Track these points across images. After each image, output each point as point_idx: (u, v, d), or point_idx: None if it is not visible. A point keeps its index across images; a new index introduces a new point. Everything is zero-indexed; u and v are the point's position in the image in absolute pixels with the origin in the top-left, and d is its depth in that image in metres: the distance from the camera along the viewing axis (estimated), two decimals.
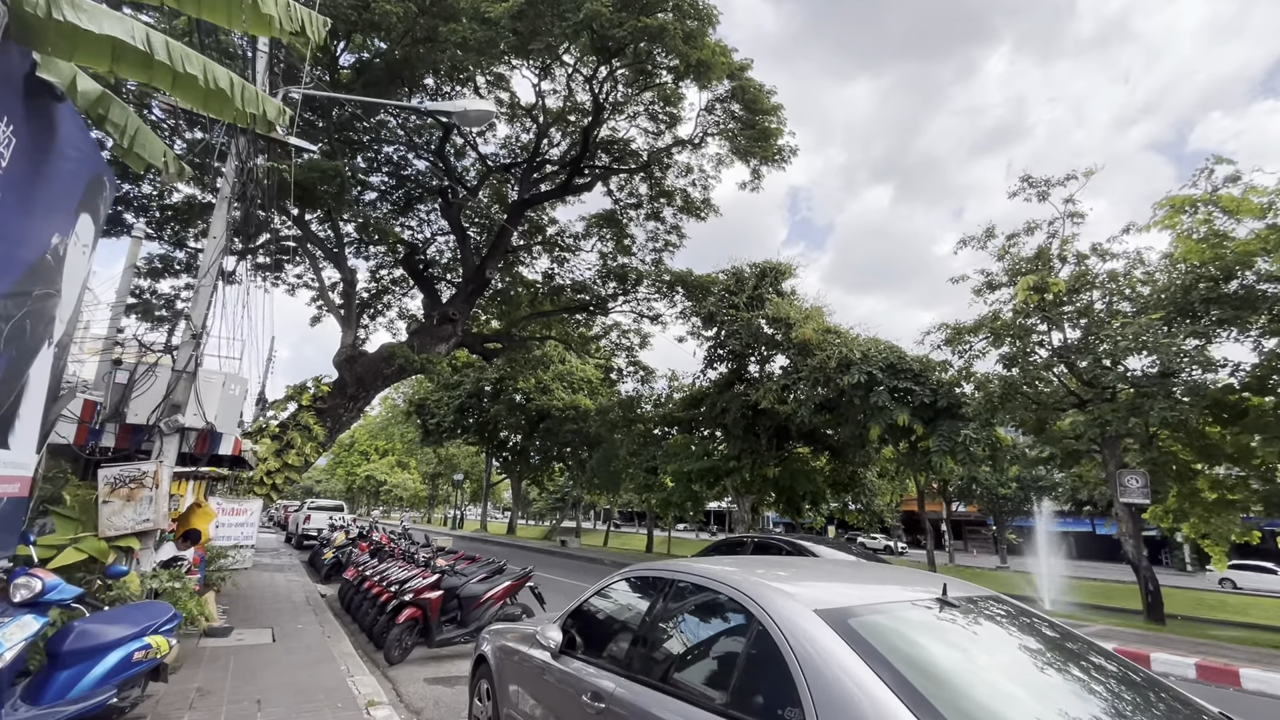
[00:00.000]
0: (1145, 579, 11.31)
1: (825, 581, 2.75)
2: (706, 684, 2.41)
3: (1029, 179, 12.86)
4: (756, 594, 2.34)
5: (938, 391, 14.22)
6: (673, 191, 22.30)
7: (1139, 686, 2.17)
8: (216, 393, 6.40)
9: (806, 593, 2.38)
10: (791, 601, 2.25)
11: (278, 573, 13.38)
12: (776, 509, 26.53)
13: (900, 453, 16.00)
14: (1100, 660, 2.30)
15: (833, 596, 2.37)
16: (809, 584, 2.64)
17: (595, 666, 2.99)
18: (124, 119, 4.44)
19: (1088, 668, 2.22)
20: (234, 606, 9.19)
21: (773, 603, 2.26)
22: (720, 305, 21.24)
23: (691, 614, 2.77)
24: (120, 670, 4.09)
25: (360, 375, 18.09)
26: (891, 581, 2.72)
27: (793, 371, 17.90)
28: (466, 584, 7.44)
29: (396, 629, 6.72)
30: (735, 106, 18.15)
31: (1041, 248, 12.63)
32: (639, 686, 2.57)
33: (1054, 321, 11.87)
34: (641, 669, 2.66)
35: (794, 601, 2.25)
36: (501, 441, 40.06)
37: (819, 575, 2.78)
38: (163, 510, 5.83)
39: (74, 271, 5.48)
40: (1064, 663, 2.22)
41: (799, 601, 2.24)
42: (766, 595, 2.32)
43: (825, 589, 2.56)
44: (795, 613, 2.18)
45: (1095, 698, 2.07)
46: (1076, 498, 35.26)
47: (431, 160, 21.94)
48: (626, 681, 2.68)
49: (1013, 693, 2.03)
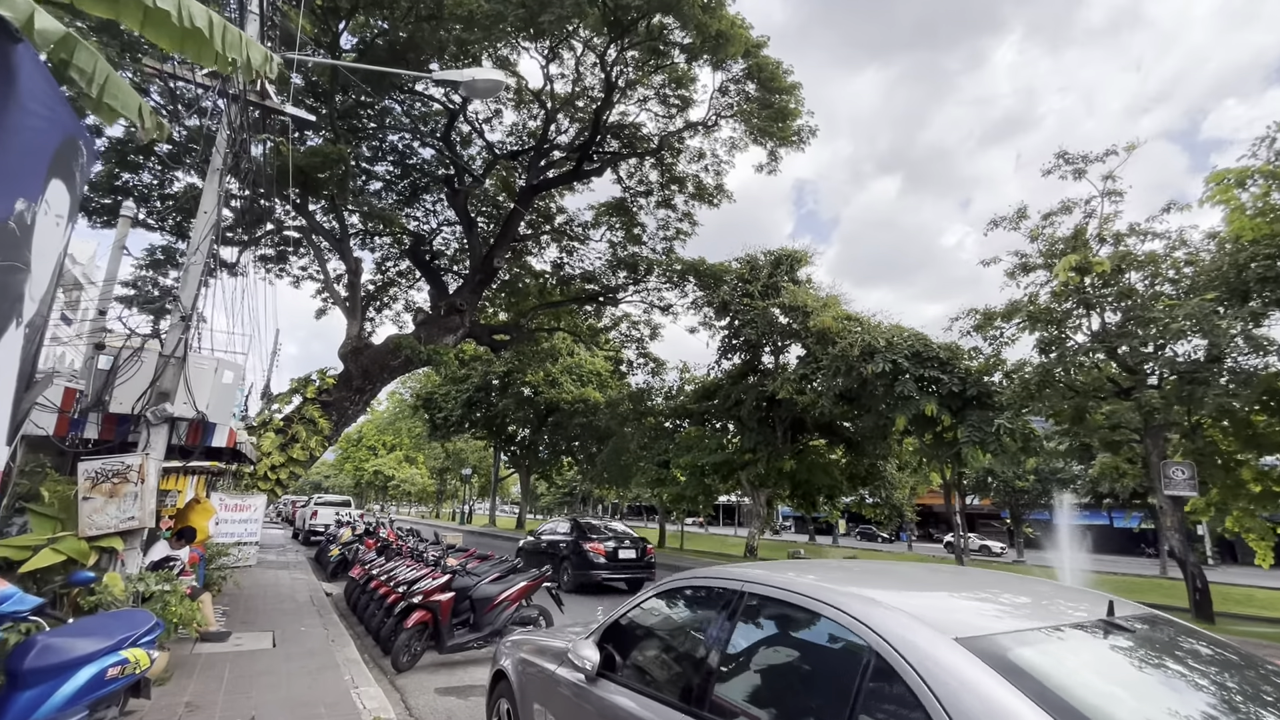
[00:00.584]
0: (1192, 575, 10.69)
1: (944, 596, 2.19)
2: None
3: (1065, 155, 12.18)
4: (868, 615, 1.80)
5: (966, 380, 13.59)
6: (684, 178, 21.69)
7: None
8: (208, 380, 5.90)
9: (932, 613, 1.83)
10: (919, 626, 1.71)
11: (282, 570, 12.97)
12: (791, 503, 25.98)
13: (925, 444, 15.39)
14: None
15: (968, 619, 1.83)
16: (925, 598, 2.09)
17: (642, 695, 2.47)
18: (91, 64, 3.90)
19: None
20: (235, 607, 8.75)
21: (893, 627, 1.72)
22: (734, 294, 20.65)
23: (773, 637, 2.23)
24: (92, 689, 3.60)
25: (366, 367, 17.64)
26: (1019, 594, 2.17)
27: (811, 361, 17.32)
28: (479, 585, 6.95)
29: (405, 633, 6.23)
30: (750, 86, 17.50)
31: (1078, 227, 11.97)
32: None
33: (1095, 304, 11.22)
34: (704, 702, 2.14)
35: (922, 626, 1.70)
36: (510, 435, 39.66)
37: (932, 586, 2.23)
38: (149, 507, 5.34)
39: (46, 245, 4.95)
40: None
41: (928, 626, 1.70)
42: (881, 617, 1.77)
43: (950, 607, 2.01)
44: (928, 642, 1.64)
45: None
46: (1096, 490, 34.45)
47: (437, 147, 21.41)
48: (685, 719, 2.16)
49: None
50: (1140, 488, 27.52)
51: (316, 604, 9.38)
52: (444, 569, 6.71)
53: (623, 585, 12.86)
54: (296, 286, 23.92)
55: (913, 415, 13.72)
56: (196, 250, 6.07)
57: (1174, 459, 11.35)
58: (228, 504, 13.12)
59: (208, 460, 10.18)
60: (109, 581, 5.03)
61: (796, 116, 16.48)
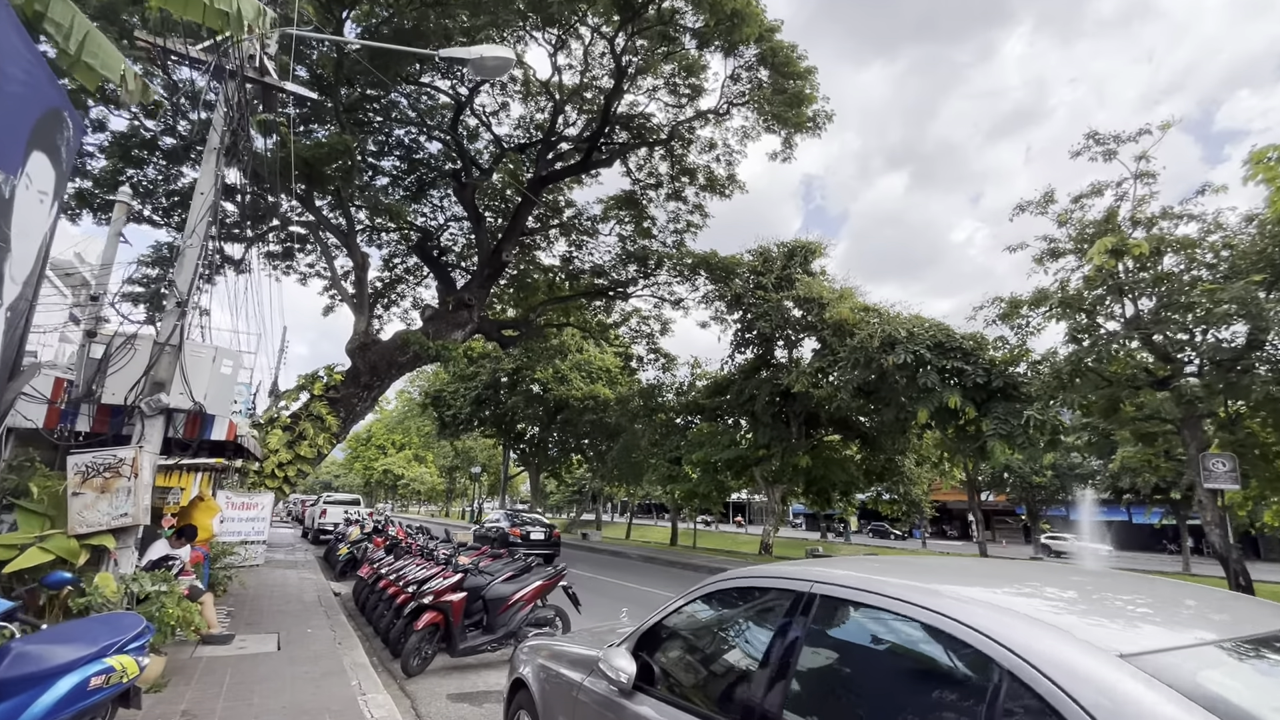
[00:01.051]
0: (1236, 572, 10.21)
1: (1074, 599, 1.77)
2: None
3: (1095, 135, 11.68)
4: (995, 626, 1.42)
5: (991, 371, 13.13)
6: (695, 169, 21.28)
7: None
8: (206, 369, 5.59)
9: (1075, 622, 1.45)
10: (1067, 639, 1.33)
11: (290, 570, 12.71)
12: (804, 499, 25.55)
13: (948, 438, 14.93)
14: None
15: (1126, 630, 1.45)
16: (1053, 602, 1.67)
17: (689, 714, 2.11)
18: (69, 18, 3.59)
19: None
20: (240, 608, 8.48)
21: (1034, 642, 1.34)
22: (747, 286, 20.24)
23: (856, 648, 1.85)
24: (74, 700, 3.28)
25: (374, 363, 17.39)
26: (1164, 597, 1.79)
27: (828, 353, 16.88)
28: (492, 584, 6.61)
29: (415, 636, 5.90)
30: (763, 73, 17.05)
31: (1110, 210, 11.47)
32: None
33: (1129, 289, 10.73)
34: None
35: (1072, 639, 1.33)
36: (519, 433, 39.40)
37: (1048, 586, 1.84)
38: (144, 503, 5.04)
39: (28, 222, 4.65)
40: None
41: (1079, 639, 1.33)
42: (1014, 628, 1.40)
43: (1095, 614, 1.62)
44: (1085, 660, 1.26)
45: None
46: (1117, 486, 33.74)
47: (444, 141, 21.12)
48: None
49: None
50: (1163, 482, 26.88)
51: (324, 604, 9.09)
52: (455, 568, 6.38)
53: (539, 559, 13.24)
54: (304, 284, 23.77)
55: (935, 408, 13.27)
56: (193, 233, 5.76)
57: (1212, 450, 10.86)
58: (234, 502, 12.88)
59: (211, 456, 9.92)
60: (100, 582, 4.73)
61: (812, 102, 16.02)
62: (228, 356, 5.76)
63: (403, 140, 21.69)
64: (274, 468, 14.45)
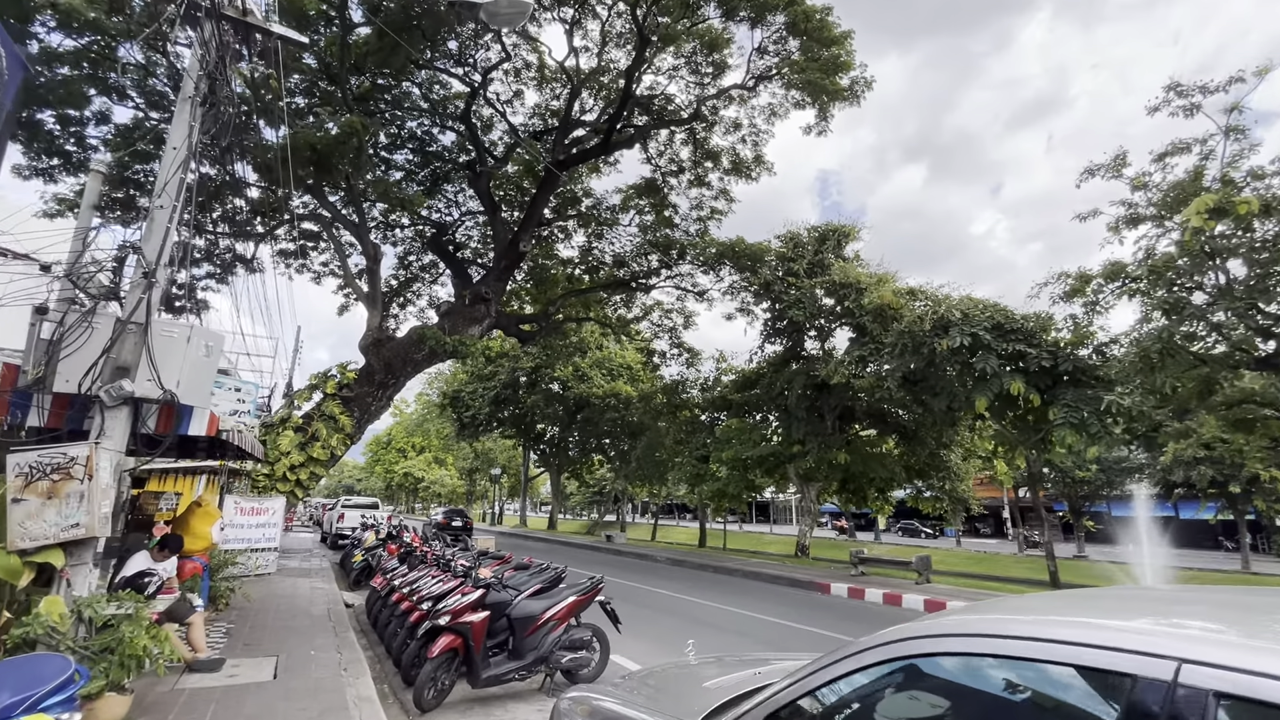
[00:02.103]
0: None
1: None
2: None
3: (1177, 87, 10.43)
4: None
5: (1057, 354, 11.91)
6: (718, 152, 20.25)
7: None
8: (179, 351, 4.73)
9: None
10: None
11: (302, 578, 11.95)
12: (838, 498, 24.35)
13: (1006, 428, 13.73)
14: None
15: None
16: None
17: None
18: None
19: None
20: (240, 624, 7.66)
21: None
22: (776, 274, 19.16)
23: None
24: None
25: (389, 360, 16.63)
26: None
27: (868, 341, 15.74)
28: (518, 600, 5.68)
29: (430, 664, 4.99)
30: (792, 43, 15.97)
31: (1197, 169, 10.23)
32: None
33: (1223, 255, 9.49)
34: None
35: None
36: (539, 434, 38.67)
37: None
38: (100, 511, 4.18)
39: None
40: None
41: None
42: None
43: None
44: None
45: None
46: (1169, 480, 31.93)
47: (458, 130, 20.36)
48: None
49: None
50: (1220, 475, 25.26)
51: (334, 619, 8.25)
52: (475, 582, 5.46)
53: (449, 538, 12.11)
54: (318, 282, 23.20)
55: (995, 395, 12.09)
56: (163, 192, 4.91)
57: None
58: (243, 507, 12.15)
59: (210, 455, 9.15)
60: (46, 608, 3.87)
61: (849, 69, 14.87)
62: (206, 338, 4.89)
63: (415, 132, 21.00)
64: (285, 470, 13.74)
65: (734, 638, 8.41)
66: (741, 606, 10.96)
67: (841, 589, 13.19)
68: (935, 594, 11.81)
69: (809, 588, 14.00)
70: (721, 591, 13.02)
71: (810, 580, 14.43)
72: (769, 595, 12.80)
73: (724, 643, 7.96)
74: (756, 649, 7.66)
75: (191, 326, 4.80)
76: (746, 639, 8.37)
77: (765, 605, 11.13)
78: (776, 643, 7.87)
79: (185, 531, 7.76)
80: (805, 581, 14.47)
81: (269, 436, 13.63)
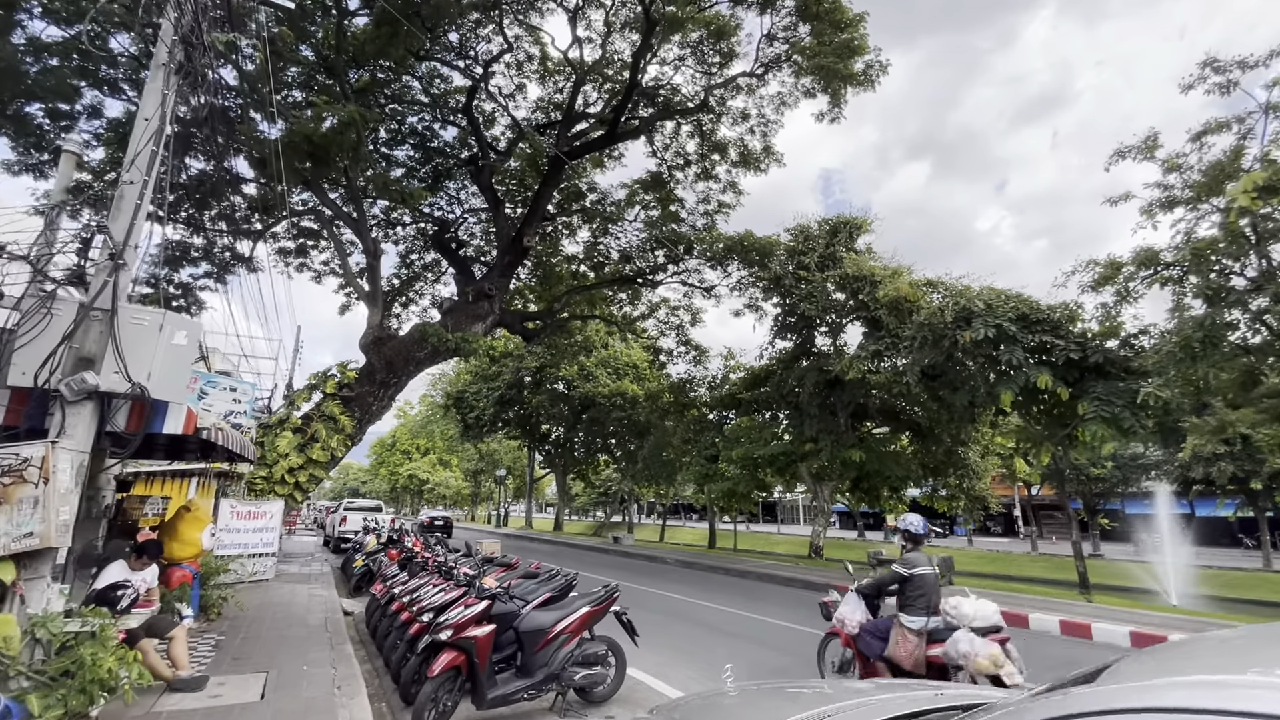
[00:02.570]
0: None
1: None
2: None
3: (1213, 62, 9.91)
4: None
5: (1086, 346, 11.39)
6: (726, 144, 19.79)
7: None
8: (150, 340, 4.28)
9: None
10: None
11: (301, 584, 11.52)
12: (850, 497, 23.82)
13: (1030, 424, 13.20)
14: None
15: None
16: None
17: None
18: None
19: None
20: (231, 635, 7.22)
21: None
22: (786, 268, 18.66)
23: None
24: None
25: (390, 359, 16.21)
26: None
27: (884, 335, 15.22)
28: (527, 611, 5.21)
29: (430, 684, 4.53)
30: (803, 29, 15.48)
31: (1236, 148, 9.71)
32: None
33: (1271, 239, 8.96)
34: None
35: None
36: (544, 434, 38.22)
37: None
38: (58, 519, 3.73)
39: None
40: None
41: None
42: None
43: None
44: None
45: None
46: (1188, 476, 31.28)
47: (459, 124, 19.95)
48: None
49: None
50: (1240, 471, 24.66)
51: (331, 629, 7.81)
52: (480, 592, 5.00)
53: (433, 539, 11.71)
54: (318, 281, 22.81)
55: (1020, 389, 11.58)
56: (132, 166, 4.46)
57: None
58: (240, 511, 11.73)
59: (201, 455, 8.72)
60: None
61: (863, 52, 14.36)
62: (180, 326, 4.44)
63: (416, 128, 20.61)
64: (284, 473, 13.32)
65: (753, 646, 7.94)
66: (758, 611, 10.48)
67: None
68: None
69: (826, 591, 13.47)
70: (735, 595, 12.54)
71: (827, 583, 13.92)
72: (785, 599, 12.31)
73: (745, 653, 7.49)
74: (781, 659, 7.18)
75: (164, 314, 4.35)
76: (766, 647, 7.90)
77: (782, 610, 10.64)
78: (798, 651, 7.38)
79: (174, 537, 7.34)
80: (821, 584, 13.95)
81: (267, 438, 13.21)
